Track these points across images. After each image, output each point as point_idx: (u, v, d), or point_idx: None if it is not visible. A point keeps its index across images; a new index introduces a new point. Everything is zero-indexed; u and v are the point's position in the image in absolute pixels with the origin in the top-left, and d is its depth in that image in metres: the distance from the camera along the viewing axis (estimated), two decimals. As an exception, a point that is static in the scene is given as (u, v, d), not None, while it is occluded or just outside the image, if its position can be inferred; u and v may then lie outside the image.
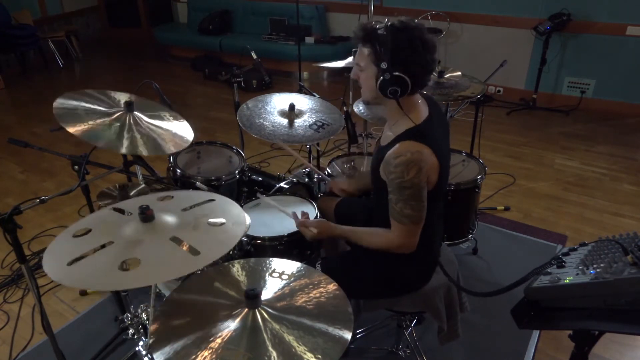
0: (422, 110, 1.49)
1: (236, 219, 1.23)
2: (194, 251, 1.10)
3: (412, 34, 1.36)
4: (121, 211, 1.29)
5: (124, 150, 1.67)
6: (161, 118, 1.93)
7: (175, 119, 1.98)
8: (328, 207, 2.02)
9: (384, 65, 1.37)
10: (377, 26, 1.40)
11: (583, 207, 3.19)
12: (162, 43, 7.01)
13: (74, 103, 1.78)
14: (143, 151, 1.69)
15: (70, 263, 1.08)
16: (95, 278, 1.05)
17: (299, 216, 1.76)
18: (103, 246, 1.13)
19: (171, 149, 1.79)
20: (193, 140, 1.93)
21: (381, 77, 1.39)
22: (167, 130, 1.87)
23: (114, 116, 1.77)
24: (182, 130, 1.93)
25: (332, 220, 1.99)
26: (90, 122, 1.70)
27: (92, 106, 1.80)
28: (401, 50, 1.36)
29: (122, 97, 1.91)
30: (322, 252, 2.03)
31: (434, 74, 2.61)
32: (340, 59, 2.87)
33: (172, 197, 1.36)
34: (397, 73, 1.37)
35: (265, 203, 2.11)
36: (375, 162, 1.54)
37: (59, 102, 1.74)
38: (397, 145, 1.40)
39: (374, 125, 3.69)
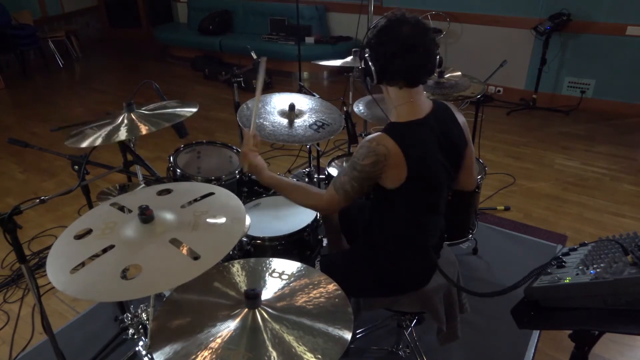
0: (418, 110, 1.48)
1: (235, 215, 1.23)
2: (194, 255, 1.09)
3: (391, 23, 1.40)
4: (120, 208, 1.29)
5: (123, 136, 1.69)
6: (163, 107, 1.94)
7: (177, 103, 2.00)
8: None
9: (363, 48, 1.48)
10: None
11: (583, 207, 3.19)
12: (162, 43, 7.01)
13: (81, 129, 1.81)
14: (144, 129, 1.73)
15: (73, 271, 1.08)
16: (99, 288, 1.04)
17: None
18: (104, 251, 1.12)
19: (175, 119, 1.84)
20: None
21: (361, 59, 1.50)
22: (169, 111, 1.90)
23: (118, 121, 1.79)
24: (185, 108, 1.95)
25: (334, 219, 1.99)
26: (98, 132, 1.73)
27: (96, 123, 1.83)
28: (373, 35, 1.44)
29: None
30: (324, 250, 2.03)
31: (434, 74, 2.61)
32: (340, 58, 2.88)
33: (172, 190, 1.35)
34: (365, 55, 1.46)
35: (265, 203, 2.11)
36: None
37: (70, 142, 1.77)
38: (376, 133, 1.44)
39: (374, 125, 3.69)
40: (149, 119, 1.80)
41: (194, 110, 1.89)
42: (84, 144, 1.66)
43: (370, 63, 1.44)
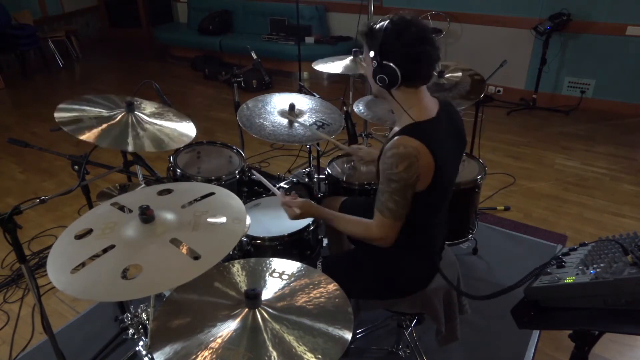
0: (428, 109, 1.47)
1: (236, 215, 1.23)
2: (194, 255, 1.09)
3: (403, 25, 1.38)
4: (121, 208, 1.29)
5: (130, 148, 1.70)
6: (162, 117, 1.95)
7: (177, 116, 2.00)
8: (332, 207, 2.02)
9: (373, 54, 1.42)
10: (378, 22, 1.43)
11: (583, 207, 3.19)
12: (162, 43, 7.01)
13: (76, 107, 1.80)
14: (149, 148, 1.73)
15: (74, 271, 1.08)
16: (99, 288, 1.04)
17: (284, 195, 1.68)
18: (105, 251, 1.12)
19: (174, 145, 1.83)
20: (193, 140, 1.95)
21: (373, 66, 1.43)
22: (169, 128, 1.89)
23: (117, 118, 1.79)
24: (185, 127, 1.95)
25: None
26: (94, 126, 1.73)
27: (93, 108, 1.83)
28: (389, 39, 1.38)
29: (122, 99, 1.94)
30: (324, 251, 2.03)
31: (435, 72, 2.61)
32: (340, 59, 2.88)
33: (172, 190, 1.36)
34: (385, 62, 1.40)
35: (265, 203, 2.11)
36: (379, 158, 1.54)
37: (61, 108, 1.76)
38: (395, 139, 1.41)
39: (374, 125, 3.69)
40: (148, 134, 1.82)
41: (192, 136, 1.95)
42: (84, 136, 1.67)
43: (394, 67, 1.38)
